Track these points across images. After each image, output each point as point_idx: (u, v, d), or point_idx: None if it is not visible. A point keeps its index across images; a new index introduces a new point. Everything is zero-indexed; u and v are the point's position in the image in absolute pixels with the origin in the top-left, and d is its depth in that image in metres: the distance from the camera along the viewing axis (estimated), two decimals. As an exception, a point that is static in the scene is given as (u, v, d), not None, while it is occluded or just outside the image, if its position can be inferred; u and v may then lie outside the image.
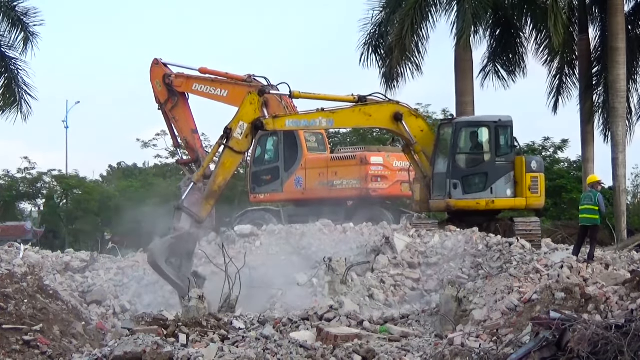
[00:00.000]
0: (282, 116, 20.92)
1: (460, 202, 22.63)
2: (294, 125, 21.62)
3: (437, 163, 22.95)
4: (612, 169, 32.34)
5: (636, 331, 9.99)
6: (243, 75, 29.40)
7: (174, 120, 30.89)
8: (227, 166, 19.69)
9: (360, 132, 44.69)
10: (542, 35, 33.68)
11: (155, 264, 18.25)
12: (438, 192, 22.79)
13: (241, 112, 20.00)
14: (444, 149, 23.13)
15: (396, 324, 15.38)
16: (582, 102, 34.56)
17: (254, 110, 20.09)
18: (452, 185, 22.53)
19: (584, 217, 17.61)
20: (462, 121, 23.52)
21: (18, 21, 32.21)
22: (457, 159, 22.86)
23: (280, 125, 20.89)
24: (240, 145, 19.75)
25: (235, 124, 19.74)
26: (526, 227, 22.33)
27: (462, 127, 23.20)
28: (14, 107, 32.68)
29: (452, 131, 22.97)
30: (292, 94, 20.97)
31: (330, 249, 21.65)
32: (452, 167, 22.68)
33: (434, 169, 22.84)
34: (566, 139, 42.44)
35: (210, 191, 19.41)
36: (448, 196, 22.52)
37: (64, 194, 47.70)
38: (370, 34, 33.62)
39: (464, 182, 22.71)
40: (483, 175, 22.99)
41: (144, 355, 12.08)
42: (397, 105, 22.41)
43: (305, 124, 21.77)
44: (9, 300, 15.22)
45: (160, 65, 30.75)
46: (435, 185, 22.87)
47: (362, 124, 22.53)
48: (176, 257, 18.46)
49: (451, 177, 22.59)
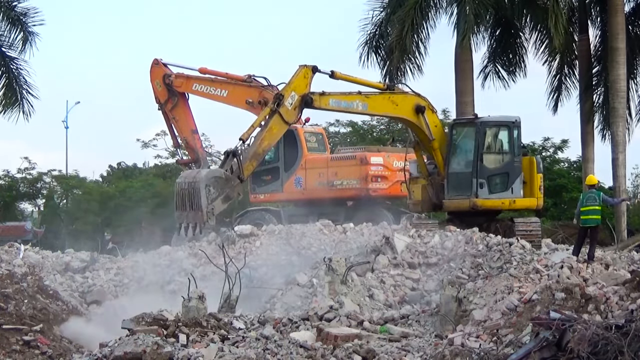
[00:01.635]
0: (327, 94, 20.65)
1: (487, 202, 22.71)
2: (335, 105, 21.29)
3: (453, 162, 22.91)
4: (612, 169, 32.35)
5: (636, 331, 9.98)
6: (243, 75, 29.45)
7: (174, 120, 30.91)
8: (273, 131, 19.65)
9: (360, 132, 44.71)
10: (542, 35, 33.68)
11: (196, 183, 18.58)
12: (456, 192, 22.69)
13: (295, 83, 19.85)
14: (463, 148, 23.12)
15: (396, 324, 15.37)
16: (582, 102, 34.57)
17: (306, 84, 19.99)
18: (478, 184, 22.53)
19: (590, 218, 17.63)
20: (486, 121, 23.36)
21: (17, 21, 32.21)
22: (483, 158, 22.85)
23: (325, 104, 20.70)
24: (288, 115, 19.68)
25: (287, 92, 19.60)
26: (526, 228, 22.35)
27: (487, 127, 23.16)
28: (15, 107, 32.71)
29: (476, 130, 22.90)
30: (333, 74, 20.84)
31: (330, 249, 21.67)
32: (479, 166, 22.67)
33: (448, 168, 22.78)
34: (566, 139, 42.45)
35: (254, 153, 19.47)
36: (475, 196, 22.50)
37: (64, 194, 47.69)
38: (370, 34, 33.64)
39: (489, 182, 22.75)
40: (505, 175, 23.11)
41: (144, 355, 12.07)
42: (419, 97, 22.30)
43: (345, 105, 21.48)
44: (9, 300, 15.24)
45: (160, 65, 30.78)
46: (452, 185, 22.78)
47: (389, 112, 22.27)
48: (215, 190, 18.70)
49: (477, 176, 22.58)
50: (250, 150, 19.43)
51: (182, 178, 19.46)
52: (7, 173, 46.53)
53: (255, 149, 19.44)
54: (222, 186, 19.04)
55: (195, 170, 19.57)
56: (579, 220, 18.01)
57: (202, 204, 18.72)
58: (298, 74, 19.91)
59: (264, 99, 28.76)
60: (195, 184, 18.83)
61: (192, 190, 18.88)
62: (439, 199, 23.07)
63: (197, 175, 19.15)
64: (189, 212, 19.00)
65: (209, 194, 18.78)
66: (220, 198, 19.03)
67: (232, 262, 17.45)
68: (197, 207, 18.83)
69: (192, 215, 18.95)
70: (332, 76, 20.87)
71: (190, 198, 18.99)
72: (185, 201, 19.05)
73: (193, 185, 18.90)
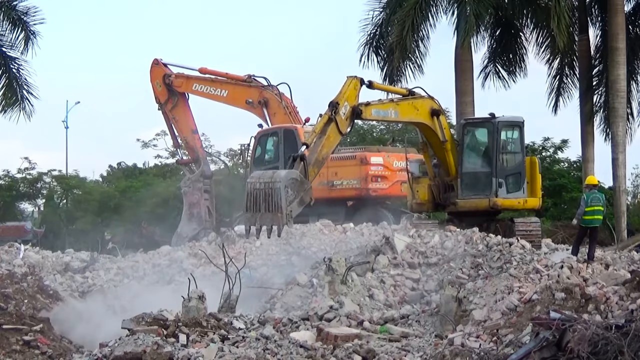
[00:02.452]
0: (370, 105, 20.28)
1: (506, 202, 22.79)
2: (376, 115, 21.01)
3: (467, 162, 22.90)
4: (612, 169, 32.35)
5: (636, 331, 9.98)
6: (243, 75, 29.49)
7: (174, 120, 30.96)
8: (331, 139, 19.18)
9: (360, 132, 44.69)
10: (543, 35, 33.68)
11: (276, 183, 17.87)
12: (472, 191, 22.65)
13: (347, 93, 19.44)
14: (478, 147, 23.17)
15: (396, 324, 15.37)
16: (582, 102, 34.55)
17: (355, 96, 19.73)
18: (498, 184, 22.59)
19: (595, 218, 17.69)
20: (503, 120, 23.34)
21: (19, 20, 32.21)
22: (502, 158, 22.89)
23: (369, 114, 20.41)
24: (342, 124, 19.26)
25: (342, 101, 19.21)
26: (526, 227, 22.34)
27: (503, 127, 23.18)
28: (15, 107, 32.72)
29: (494, 130, 22.92)
30: (371, 84, 20.54)
31: (330, 249, 21.67)
32: (498, 166, 22.73)
33: (462, 168, 22.78)
34: (566, 139, 42.42)
35: (315, 160, 18.80)
36: (494, 195, 22.53)
37: (64, 194, 47.69)
38: (370, 34, 33.63)
39: (506, 181, 22.83)
40: (518, 175, 23.20)
41: (144, 355, 12.08)
42: (432, 100, 22.25)
43: (383, 114, 21.25)
44: (9, 300, 15.25)
45: (160, 65, 30.82)
46: (467, 185, 22.76)
47: (413, 117, 21.86)
48: (292, 192, 18.15)
49: (497, 176, 22.63)
50: (311, 157, 19.00)
51: (256, 178, 18.46)
52: (7, 173, 46.56)
53: (315, 156, 19.02)
54: (298, 189, 18.30)
55: (271, 171, 18.88)
56: (580, 220, 18.01)
57: (282, 205, 17.84)
58: (348, 85, 19.60)
59: (264, 99, 28.86)
60: (275, 184, 17.93)
61: (271, 191, 17.96)
62: (444, 199, 23.03)
63: (275, 175, 18.22)
64: (264, 213, 18.00)
65: (287, 195, 18.03)
66: (296, 201, 18.22)
67: (232, 262, 17.44)
68: (276, 208, 17.89)
69: (269, 217, 17.96)
70: (369, 86, 20.59)
71: (267, 199, 18.03)
72: (260, 202, 18.06)
73: (271, 186, 17.97)
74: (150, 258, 23.73)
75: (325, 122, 19.06)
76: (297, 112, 28.86)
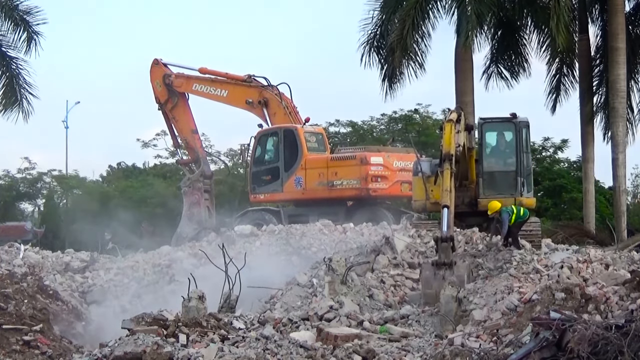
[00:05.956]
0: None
1: (529, 200, 22.95)
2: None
3: (488, 161, 22.91)
4: (612, 169, 32.32)
5: (636, 331, 9.98)
6: (243, 75, 29.52)
7: (174, 120, 31.00)
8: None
9: (360, 132, 44.75)
10: (543, 35, 33.66)
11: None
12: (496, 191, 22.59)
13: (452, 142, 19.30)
14: (499, 147, 23.29)
15: (396, 324, 15.37)
16: (582, 102, 34.51)
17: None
18: (521, 183, 22.74)
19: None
20: (522, 121, 23.37)
21: (21, 20, 32.15)
22: (525, 157, 23.09)
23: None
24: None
25: (453, 150, 19.10)
26: (526, 227, 22.31)
27: (522, 127, 23.26)
28: (15, 106, 32.70)
29: (517, 129, 23.00)
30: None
31: (330, 249, 21.66)
32: (522, 165, 22.89)
33: (483, 168, 22.77)
34: (566, 139, 42.49)
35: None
36: (519, 194, 22.66)
37: (64, 194, 47.76)
38: (370, 34, 33.61)
39: (527, 181, 23.14)
40: (531, 175, 23.68)
41: (144, 355, 12.07)
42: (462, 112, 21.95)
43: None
44: (9, 300, 15.24)
45: (160, 65, 30.86)
46: (489, 184, 22.75)
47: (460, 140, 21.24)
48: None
49: (521, 175, 22.76)
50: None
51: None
52: (7, 173, 46.65)
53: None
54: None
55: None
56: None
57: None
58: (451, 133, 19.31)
59: (263, 98, 28.89)
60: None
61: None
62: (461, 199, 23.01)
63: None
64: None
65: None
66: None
67: (232, 262, 17.45)
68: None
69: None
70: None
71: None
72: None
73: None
74: (150, 258, 23.73)
75: (448, 176, 18.75)
76: (297, 112, 28.89)
